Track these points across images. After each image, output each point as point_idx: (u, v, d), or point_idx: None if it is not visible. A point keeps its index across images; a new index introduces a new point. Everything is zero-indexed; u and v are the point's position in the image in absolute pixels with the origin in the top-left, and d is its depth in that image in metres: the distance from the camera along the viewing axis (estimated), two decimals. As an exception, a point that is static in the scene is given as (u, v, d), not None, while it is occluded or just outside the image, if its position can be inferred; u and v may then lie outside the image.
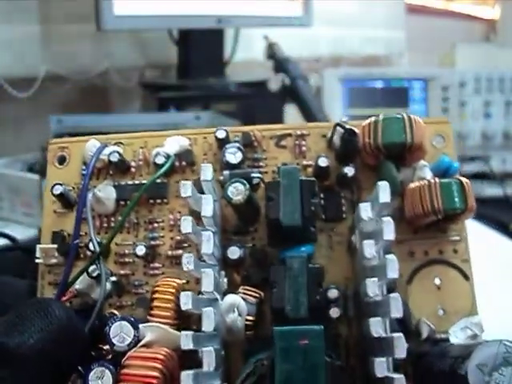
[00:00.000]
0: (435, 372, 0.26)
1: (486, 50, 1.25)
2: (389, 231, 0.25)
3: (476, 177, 0.87)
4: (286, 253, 0.30)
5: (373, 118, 0.32)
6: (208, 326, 0.24)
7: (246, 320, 0.29)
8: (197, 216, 0.29)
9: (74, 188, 0.35)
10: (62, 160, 0.36)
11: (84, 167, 0.35)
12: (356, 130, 0.32)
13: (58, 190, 0.33)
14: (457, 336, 0.31)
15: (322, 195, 0.33)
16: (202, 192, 0.29)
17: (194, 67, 0.89)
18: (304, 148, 0.35)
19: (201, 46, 0.89)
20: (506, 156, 0.88)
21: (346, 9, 1.29)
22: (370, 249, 0.25)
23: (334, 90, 0.94)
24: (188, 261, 0.25)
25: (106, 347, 0.29)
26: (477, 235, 0.60)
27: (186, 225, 0.26)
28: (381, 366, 0.25)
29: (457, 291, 0.32)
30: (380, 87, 0.93)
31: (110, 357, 0.29)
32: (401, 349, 0.24)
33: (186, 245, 0.33)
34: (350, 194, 0.34)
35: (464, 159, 0.87)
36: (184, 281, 0.32)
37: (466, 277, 0.32)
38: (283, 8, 0.96)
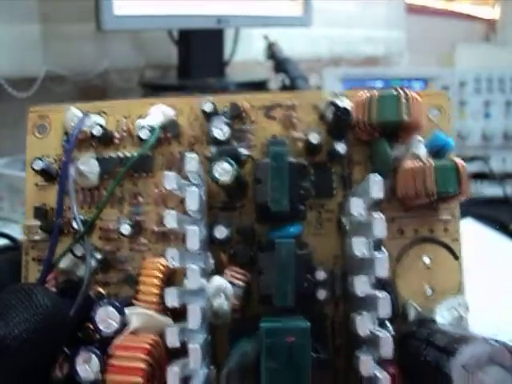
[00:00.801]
0: (420, 361, 0.26)
1: (486, 50, 1.23)
2: (380, 228, 0.24)
3: (476, 177, 0.86)
4: (274, 233, 0.30)
5: (368, 94, 0.31)
6: (194, 322, 0.24)
7: (233, 304, 0.29)
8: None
9: (55, 160, 0.34)
10: (42, 129, 0.34)
11: (66, 138, 0.34)
12: (350, 109, 0.31)
13: (38, 165, 0.32)
14: (443, 316, 0.31)
15: (312, 171, 0.32)
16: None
17: (194, 67, 0.87)
18: (294, 120, 0.33)
19: (201, 46, 0.87)
20: (506, 156, 0.87)
21: (345, 9, 1.26)
22: (359, 246, 0.24)
23: (334, 89, 0.93)
24: (173, 256, 0.24)
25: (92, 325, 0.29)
26: (477, 235, 0.60)
27: (171, 220, 0.25)
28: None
29: (446, 270, 0.32)
30: (380, 87, 0.91)
31: (97, 337, 0.29)
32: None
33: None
34: (341, 169, 0.33)
35: (464, 159, 0.85)
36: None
37: (456, 256, 0.32)
38: (283, 8, 0.94)
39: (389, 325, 0.27)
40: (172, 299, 0.24)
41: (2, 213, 0.62)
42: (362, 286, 0.24)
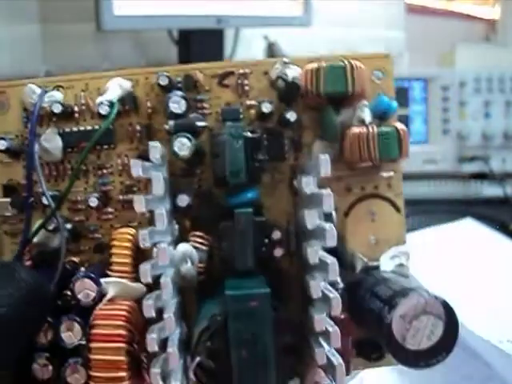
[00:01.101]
0: (365, 309, 0.30)
1: (486, 50, 1.20)
2: (328, 203, 0.27)
3: (476, 177, 0.87)
4: (233, 199, 0.32)
5: (315, 65, 0.33)
6: (167, 293, 0.27)
7: (198, 267, 0.32)
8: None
9: (17, 136, 0.34)
10: (1, 106, 0.35)
11: (24, 114, 0.34)
12: (298, 81, 0.33)
13: (3, 145, 0.33)
14: (387, 264, 0.35)
15: (264, 136, 0.35)
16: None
17: None
18: (247, 88, 0.35)
19: (201, 46, 0.85)
20: (506, 156, 0.87)
21: (345, 9, 1.22)
22: (311, 218, 0.27)
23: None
24: (144, 237, 0.27)
25: (69, 293, 0.32)
26: (477, 235, 0.61)
27: (140, 204, 0.27)
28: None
29: (389, 222, 0.35)
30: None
31: (74, 302, 0.31)
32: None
33: (135, 189, 0.35)
34: (292, 133, 0.35)
35: (464, 159, 0.87)
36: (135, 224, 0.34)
37: (398, 209, 0.36)
38: (283, 8, 0.91)
39: (338, 279, 0.31)
40: (145, 276, 0.27)
41: None
42: (313, 254, 0.27)
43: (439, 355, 0.28)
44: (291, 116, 0.34)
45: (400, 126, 0.33)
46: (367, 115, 0.34)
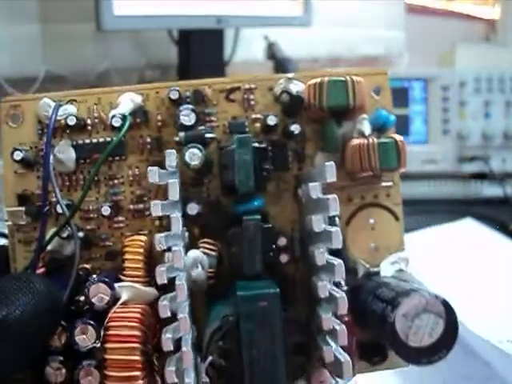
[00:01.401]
0: (368, 311, 0.32)
1: (486, 50, 1.22)
2: (334, 207, 0.28)
3: (476, 177, 0.87)
4: (240, 207, 0.34)
5: (318, 80, 0.35)
6: (181, 295, 0.28)
7: (208, 272, 0.33)
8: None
9: (31, 148, 0.36)
10: (15, 119, 0.36)
11: (39, 126, 0.36)
12: (301, 95, 0.35)
13: (18, 155, 0.34)
14: (387, 270, 0.36)
15: (270, 147, 0.36)
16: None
17: (193, 67, 0.87)
18: (252, 102, 0.37)
19: (201, 46, 0.87)
20: (506, 156, 0.88)
21: (345, 9, 1.24)
22: (318, 223, 0.29)
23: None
24: (160, 241, 0.28)
25: (82, 298, 0.33)
26: (477, 235, 0.62)
27: (156, 209, 0.28)
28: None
29: (388, 230, 0.37)
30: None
31: (87, 307, 0.32)
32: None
33: (145, 198, 0.36)
34: (295, 145, 0.37)
35: (464, 159, 0.88)
36: (146, 232, 0.35)
37: (397, 218, 0.37)
38: (283, 8, 0.93)
39: (343, 283, 0.32)
40: (161, 277, 0.28)
41: (2, 213, 0.61)
42: (320, 256, 0.29)
43: (440, 352, 0.29)
44: (295, 128, 0.35)
45: (398, 137, 0.35)
46: (367, 128, 0.36)
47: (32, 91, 0.73)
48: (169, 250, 0.29)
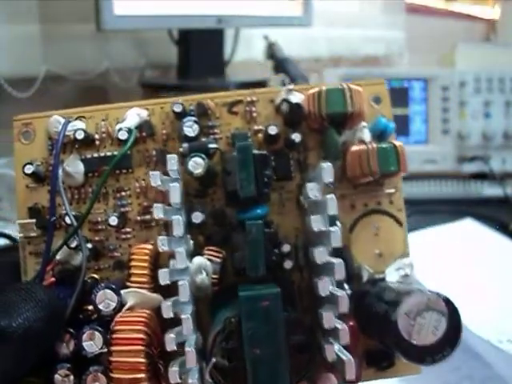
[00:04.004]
0: (373, 313, 0.32)
1: (486, 50, 1.23)
2: (332, 207, 0.29)
3: (476, 177, 0.88)
4: (244, 215, 0.34)
5: (317, 89, 0.36)
6: (184, 295, 0.29)
7: (212, 278, 0.34)
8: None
9: (42, 163, 0.37)
10: (27, 136, 0.38)
11: (50, 142, 0.37)
12: (301, 104, 0.36)
13: (29, 169, 0.35)
14: (392, 275, 0.36)
15: (272, 158, 0.37)
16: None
17: (194, 67, 0.88)
18: (254, 114, 0.38)
19: (201, 46, 0.88)
20: (506, 156, 0.88)
21: (345, 9, 1.26)
22: (317, 223, 0.29)
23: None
24: (163, 243, 0.29)
25: (90, 307, 0.33)
26: (477, 235, 0.62)
27: (158, 211, 0.29)
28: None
29: (392, 236, 0.37)
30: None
31: (95, 316, 0.33)
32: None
33: (152, 210, 0.37)
34: (297, 154, 0.38)
35: (464, 159, 0.89)
36: (152, 242, 0.36)
37: (400, 224, 0.38)
38: (283, 8, 0.95)
39: (345, 285, 0.33)
40: (164, 278, 0.29)
41: (2, 213, 0.63)
42: (320, 255, 0.29)
43: (444, 350, 0.29)
44: (296, 137, 0.36)
45: (398, 142, 0.35)
46: (366, 135, 0.36)
47: (32, 91, 0.75)
48: (173, 256, 0.30)
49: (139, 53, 0.92)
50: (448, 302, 0.29)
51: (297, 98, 0.37)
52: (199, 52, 0.88)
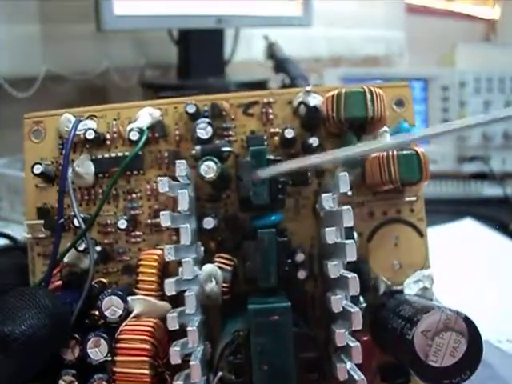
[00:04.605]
0: (388, 329, 0.30)
1: (486, 50, 1.21)
2: (348, 218, 0.27)
3: (476, 177, 0.87)
4: (257, 222, 0.33)
5: (336, 91, 0.34)
6: (190, 307, 0.28)
7: (223, 287, 0.33)
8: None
9: (52, 162, 0.36)
10: (37, 134, 0.37)
11: (60, 141, 0.36)
12: (319, 107, 0.34)
13: (38, 169, 0.35)
14: (410, 288, 0.35)
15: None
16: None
17: (194, 67, 0.88)
18: (271, 116, 0.36)
19: (201, 46, 0.88)
20: (506, 156, 0.87)
21: (345, 9, 1.26)
22: (331, 235, 0.28)
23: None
24: (169, 251, 0.28)
25: (97, 312, 0.32)
26: (477, 235, 0.61)
27: (165, 219, 0.28)
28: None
29: (412, 247, 0.36)
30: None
31: (101, 322, 0.32)
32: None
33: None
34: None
35: (464, 159, 0.87)
36: (162, 247, 0.35)
37: (421, 234, 0.36)
38: (283, 8, 0.94)
39: (360, 298, 0.31)
40: (170, 289, 0.28)
41: (2, 213, 0.62)
42: (334, 269, 0.28)
43: (463, 373, 0.27)
44: (314, 141, 0.35)
45: (420, 149, 0.33)
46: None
47: (32, 91, 0.74)
48: (181, 264, 0.29)
49: (139, 53, 0.92)
50: (468, 322, 0.27)
51: (315, 100, 0.35)
52: (199, 52, 0.88)
